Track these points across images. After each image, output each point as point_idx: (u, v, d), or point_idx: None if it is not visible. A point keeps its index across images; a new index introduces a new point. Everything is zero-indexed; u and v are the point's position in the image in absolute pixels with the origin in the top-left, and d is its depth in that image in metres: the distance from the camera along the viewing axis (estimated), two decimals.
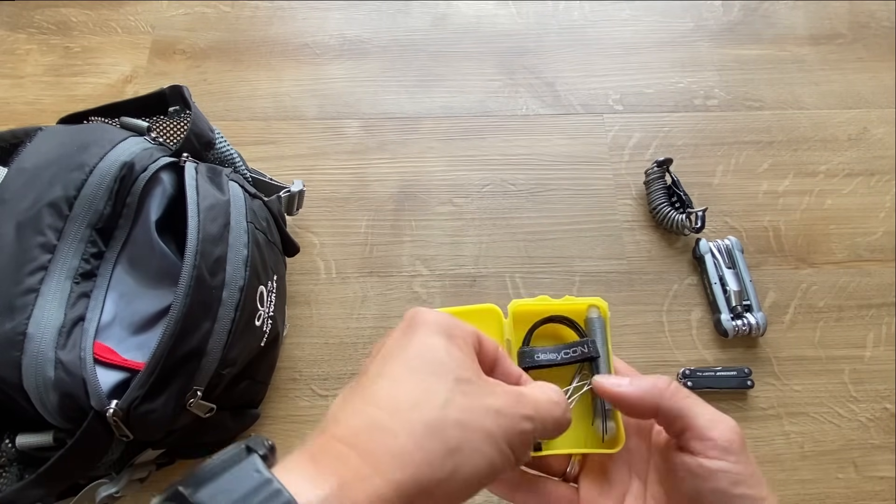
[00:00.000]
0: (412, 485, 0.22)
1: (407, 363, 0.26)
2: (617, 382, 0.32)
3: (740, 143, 0.67)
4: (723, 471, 0.29)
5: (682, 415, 0.31)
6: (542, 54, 0.73)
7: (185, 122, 0.54)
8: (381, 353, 0.27)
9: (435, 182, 0.66)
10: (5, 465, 0.42)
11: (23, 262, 0.41)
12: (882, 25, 0.74)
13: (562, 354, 0.35)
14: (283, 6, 0.75)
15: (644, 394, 0.31)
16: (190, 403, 0.43)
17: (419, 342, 0.26)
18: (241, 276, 0.45)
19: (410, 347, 0.26)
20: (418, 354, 0.26)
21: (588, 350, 0.35)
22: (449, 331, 0.27)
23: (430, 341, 0.26)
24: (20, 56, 0.72)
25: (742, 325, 0.57)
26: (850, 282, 0.61)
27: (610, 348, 0.35)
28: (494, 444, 0.24)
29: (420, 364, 0.26)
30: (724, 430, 0.29)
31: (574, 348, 0.35)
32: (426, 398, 0.24)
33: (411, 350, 0.26)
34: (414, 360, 0.26)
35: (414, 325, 0.27)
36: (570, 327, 0.36)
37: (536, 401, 0.27)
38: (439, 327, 0.27)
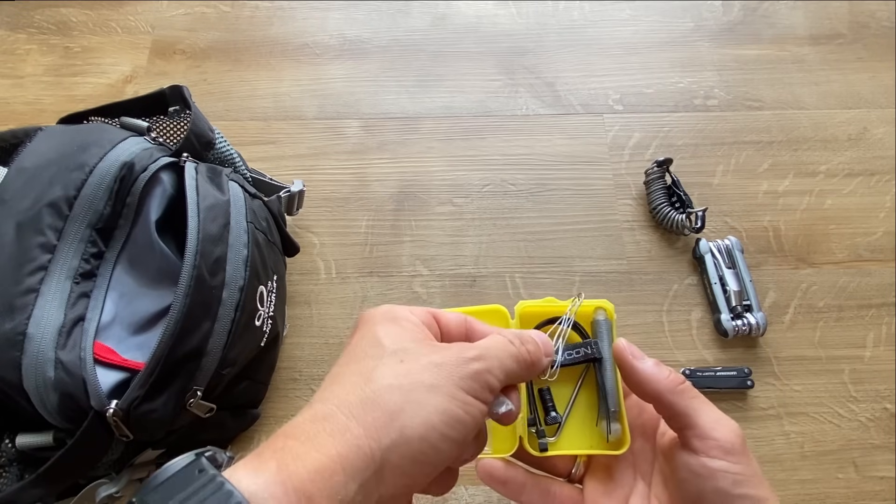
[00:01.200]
0: (358, 455, 0.23)
1: (350, 358, 0.27)
2: (639, 354, 0.33)
3: (740, 143, 0.67)
4: (724, 471, 0.29)
5: (686, 412, 0.31)
6: (542, 54, 0.73)
7: (185, 122, 0.54)
8: (337, 360, 0.28)
9: (435, 182, 0.66)
10: (5, 465, 0.42)
11: (23, 262, 0.41)
12: (882, 25, 0.74)
13: (565, 355, 0.35)
14: (283, 6, 0.75)
15: (655, 377, 0.32)
16: (190, 403, 0.43)
17: (361, 336, 0.28)
18: (241, 276, 0.45)
19: (354, 343, 0.28)
20: (359, 345, 0.27)
21: (592, 351, 0.35)
22: (391, 315, 0.28)
23: (371, 330, 0.28)
24: (20, 56, 0.72)
25: (742, 325, 0.57)
26: (850, 282, 0.61)
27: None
28: (442, 392, 0.25)
29: (359, 352, 0.27)
30: (726, 432, 0.30)
31: (578, 349, 0.35)
32: (360, 377, 0.25)
33: (354, 345, 0.28)
34: (355, 352, 0.27)
35: (360, 324, 0.29)
36: (573, 329, 0.36)
37: (484, 344, 0.28)
38: (382, 316, 0.28)
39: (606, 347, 0.35)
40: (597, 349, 0.35)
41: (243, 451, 0.54)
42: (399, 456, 0.24)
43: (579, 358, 0.35)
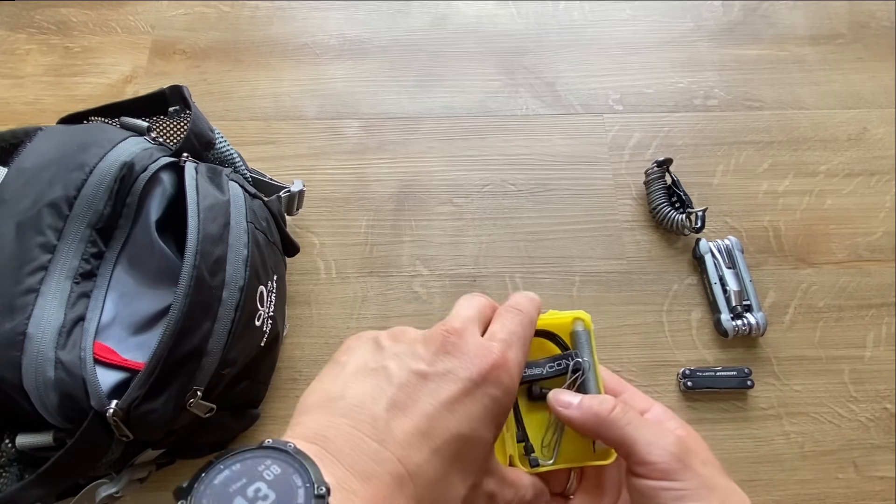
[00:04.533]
0: None
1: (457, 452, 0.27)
2: (566, 402, 0.33)
3: (740, 143, 0.67)
4: (666, 489, 0.30)
5: (621, 442, 0.31)
6: (542, 54, 0.73)
7: (185, 122, 0.54)
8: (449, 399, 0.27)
9: (435, 182, 0.66)
10: (5, 465, 0.42)
11: (23, 262, 0.41)
12: (882, 25, 0.74)
13: (547, 368, 0.35)
14: (283, 6, 0.75)
15: (585, 419, 0.32)
16: (190, 403, 0.43)
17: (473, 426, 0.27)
18: (241, 276, 0.45)
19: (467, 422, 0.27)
20: (467, 442, 0.27)
21: (572, 363, 0.35)
22: (504, 417, 0.29)
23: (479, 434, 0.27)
24: (20, 56, 0.72)
25: (742, 325, 0.57)
26: (850, 282, 0.61)
27: (596, 359, 0.36)
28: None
29: (464, 456, 0.27)
30: (661, 454, 0.30)
31: (559, 361, 0.35)
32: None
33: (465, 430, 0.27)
34: (462, 451, 0.27)
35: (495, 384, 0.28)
36: (552, 342, 0.36)
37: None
38: (499, 418, 0.28)
39: (587, 358, 0.35)
40: (577, 360, 0.35)
41: None
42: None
43: (560, 370, 0.35)
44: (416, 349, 0.28)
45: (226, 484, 0.21)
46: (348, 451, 0.23)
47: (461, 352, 0.27)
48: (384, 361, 0.27)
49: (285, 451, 0.22)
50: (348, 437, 0.24)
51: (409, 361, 0.27)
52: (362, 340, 0.30)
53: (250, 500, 0.20)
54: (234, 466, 0.21)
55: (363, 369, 0.28)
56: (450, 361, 0.27)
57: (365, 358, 0.28)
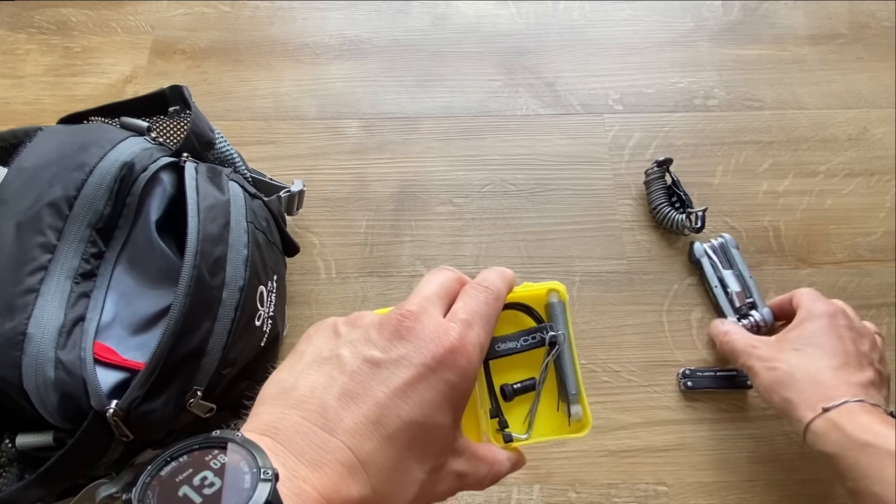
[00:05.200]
0: None
1: (405, 438, 0.27)
2: (723, 330, 0.44)
3: (740, 143, 0.67)
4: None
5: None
6: (542, 54, 0.73)
7: (185, 122, 0.54)
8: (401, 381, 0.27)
9: (435, 182, 0.66)
10: (5, 465, 0.42)
11: (23, 262, 0.41)
12: (882, 25, 0.74)
13: (521, 342, 0.34)
14: (283, 6, 0.75)
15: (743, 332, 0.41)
16: (190, 403, 0.43)
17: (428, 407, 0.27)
18: (241, 276, 0.45)
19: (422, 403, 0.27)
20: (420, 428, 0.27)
21: (546, 334, 0.34)
22: (466, 394, 0.29)
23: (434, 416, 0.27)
24: (20, 56, 0.72)
25: (749, 324, 0.57)
26: (850, 282, 0.61)
27: (571, 332, 0.35)
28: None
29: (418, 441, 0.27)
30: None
31: (533, 335, 0.34)
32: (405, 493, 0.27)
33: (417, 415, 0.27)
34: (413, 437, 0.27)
35: (448, 358, 0.27)
36: (526, 314, 0.35)
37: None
38: (461, 390, 0.28)
39: (562, 329, 0.34)
40: (552, 332, 0.34)
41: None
42: None
43: (535, 343, 0.34)
44: (370, 335, 0.27)
45: (172, 475, 0.21)
46: (298, 441, 0.24)
47: (415, 336, 0.27)
48: (338, 349, 0.27)
49: (232, 440, 0.22)
50: (298, 427, 0.24)
51: (362, 348, 0.27)
52: (321, 328, 0.30)
53: (196, 488, 0.20)
54: (181, 458, 0.22)
55: (317, 358, 0.28)
56: (403, 347, 0.26)
57: (321, 346, 0.28)
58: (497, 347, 0.34)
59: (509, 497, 0.53)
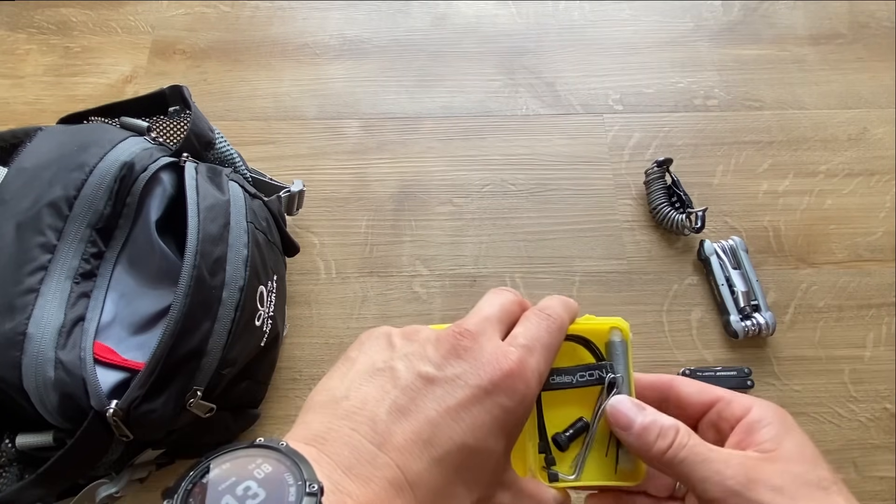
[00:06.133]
0: None
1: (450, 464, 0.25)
2: (626, 422, 0.30)
3: (740, 143, 0.67)
4: None
5: (680, 480, 0.29)
6: (542, 54, 0.73)
7: (185, 122, 0.54)
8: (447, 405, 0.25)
9: (435, 182, 0.66)
10: (5, 465, 0.42)
11: (23, 262, 0.41)
12: (882, 25, 0.74)
13: (577, 377, 0.32)
14: (283, 6, 0.75)
15: (640, 452, 0.30)
16: (190, 403, 0.43)
17: (478, 434, 0.25)
18: (241, 276, 0.45)
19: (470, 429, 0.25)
20: (468, 454, 0.25)
21: (605, 374, 0.32)
22: (521, 421, 0.27)
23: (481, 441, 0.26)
24: (20, 56, 0.72)
25: (752, 325, 0.57)
26: (850, 282, 0.61)
27: (632, 374, 0.33)
28: None
29: (465, 474, 0.25)
30: (716, 490, 0.27)
31: (591, 371, 0.32)
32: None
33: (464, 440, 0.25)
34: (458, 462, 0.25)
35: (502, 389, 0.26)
36: (586, 348, 0.34)
37: None
38: (521, 414, 0.27)
39: (622, 371, 0.33)
40: (611, 372, 0.32)
41: None
42: None
43: (592, 381, 0.32)
44: (427, 351, 0.26)
45: (215, 483, 0.20)
46: (346, 454, 0.23)
47: (473, 356, 0.26)
48: (392, 361, 0.26)
49: (277, 449, 0.21)
50: (347, 439, 0.23)
51: (417, 363, 0.26)
52: (374, 337, 0.29)
53: (239, 498, 0.20)
54: (223, 465, 0.21)
55: (371, 369, 0.27)
56: (459, 366, 0.25)
57: (374, 356, 0.27)
58: (551, 380, 0.32)
59: None
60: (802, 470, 0.28)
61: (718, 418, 0.32)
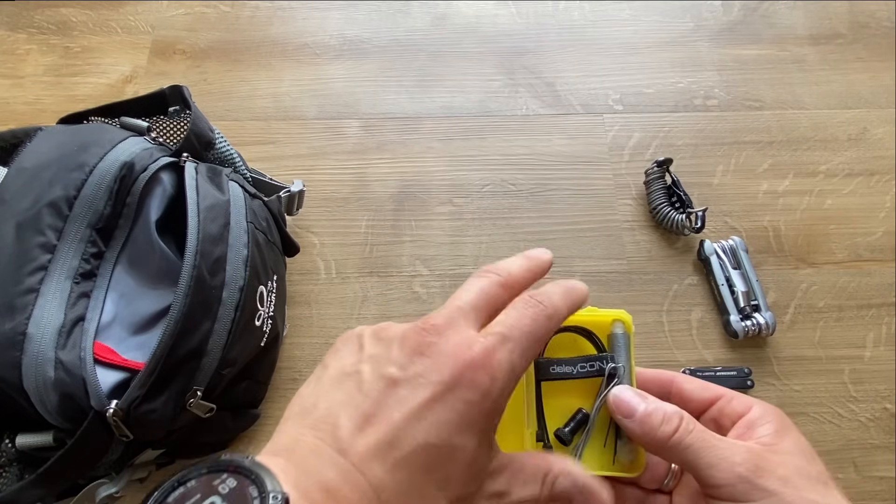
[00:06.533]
0: None
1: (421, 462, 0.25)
2: (628, 409, 0.30)
3: (740, 143, 0.67)
4: None
5: (684, 466, 0.29)
6: (542, 54, 0.73)
7: (185, 122, 0.54)
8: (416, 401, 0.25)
9: (435, 182, 0.66)
10: (5, 465, 0.42)
11: (23, 262, 0.41)
12: (882, 25, 0.74)
13: (578, 368, 0.32)
14: (283, 6, 0.75)
15: (645, 439, 0.30)
16: (190, 403, 0.43)
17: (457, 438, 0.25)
18: (241, 276, 0.45)
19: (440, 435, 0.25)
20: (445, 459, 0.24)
21: (606, 366, 0.32)
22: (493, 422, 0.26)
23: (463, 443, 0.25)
24: (20, 56, 0.72)
25: (752, 325, 0.57)
26: (850, 282, 0.61)
27: (633, 366, 0.33)
28: None
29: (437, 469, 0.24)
30: (725, 476, 0.27)
31: (592, 363, 0.32)
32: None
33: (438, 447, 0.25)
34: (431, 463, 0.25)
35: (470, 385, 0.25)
36: (588, 339, 0.34)
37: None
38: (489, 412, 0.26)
39: (623, 363, 0.32)
40: (612, 364, 0.32)
41: (242, 451, 0.54)
42: None
43: (592, 372, 0.32)
44: (391, 351, 0.25)
45: (180, 500, 0.20)
46: (312, 463, 0.23)
47: (436, 351, 0.25)
48: (359, 365, 0.26)
49: (241, 464, 0.21)
50: (313, 448, 0.23)
51: (381, 366, 0.25)
52: (346, 339, 0.28)
53: None
54: (188, 483, 0.21)
55: (340, 374, 0.26)
56: (422, 363, 0.24)
57: (344, 361, 0.27)
58: (552, 370, 0.32)
59: None
60: (803, 463, 0.28)
61: (720, 414, 0.32)
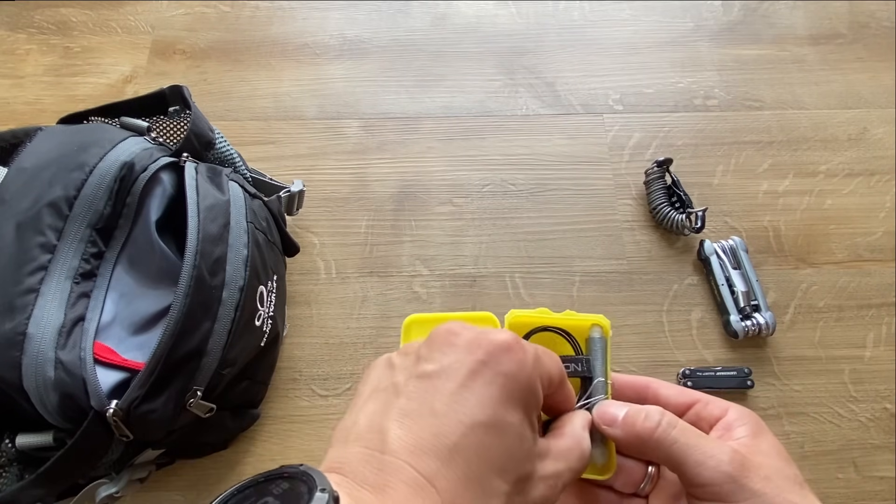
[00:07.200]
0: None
1: (474, 449, 0.24)
2: (611, 417, 0.31)
3: (740, 143, 0.67)
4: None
5: (669, 463, 0.29)
6: (542, 54, 0.73)
7: (185, 122, 0.54)
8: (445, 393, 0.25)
9: (435, 182, 0.66)
10: (5, 465, 0.42)
11: (23, 262, 0.41)
12: (882, 25, 0.74)
13: None
14: (283, 6, 0.75)
15: (629, 440, 0.30)
16: (190, 403, 0.43)
17: (495, 415, 0.24)
18: (241, 276, 0.45)
19: (483, 418, 0.24)
20: (491, 436, 0.24)
21: (582, 368, 0.33)
22: (533, 400, 0.26)
23: (508, 418, 0.25)
24: (20, 56, 0.72)
25: (752, 325, 0.57)
26: (850, 282, 0.61)
27: (609, 370, 0.34)
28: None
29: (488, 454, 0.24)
30: (711, 474, 0.28)
31: (568, 364, 0.32)
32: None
33: (484, 426, 0.24)
34: (484, 445, 0.24)
35: (498, 369, 0.25)
36: (567, 341, 0.34)
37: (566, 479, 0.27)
38: (526, 393, 0.25)
39: (599, 367, 0.33)
40: (587, 367, 0.33)
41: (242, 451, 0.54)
42: None
43: (569, 373, 0.32)
44: (420, 353, 0.26)
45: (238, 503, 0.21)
46: (360, 469, 0.23)
47: (464, 339, 0.26)
48: (393, 378, 0.26)
49: (296, 469, 0.22)
50: (360, 456, 0.23)
51: (414, 368, 0.26)
52: (375, 366, 0.29)
53: None
54: (246, 490, 0.22)
55: (374, 391, 0.27)
56: (453, 353, 0.25)
57: (377, 381, 0.27)
58: None
59: None
60: (781, 465, 0.29)
61: (697, 418, 0.32)
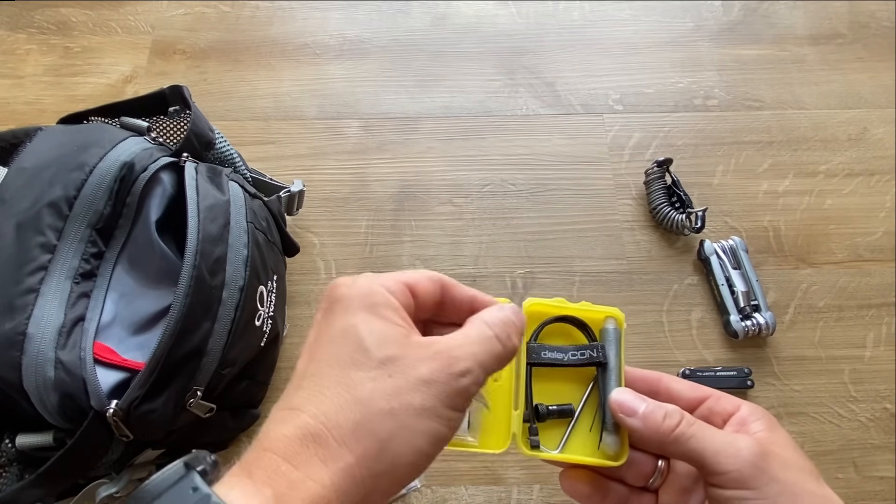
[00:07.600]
0: (351, 484, 0.23)
1: (329, 356, 0.25)
2: (630, 408, 0.31)
3: (740, 143, 0.67)
4: (741, 498, 0.28)
5: (689, 458, 0.30)
6: (542, 54, 0.73)
7: (185, 122, 0.54)
8: (308, 346, 0.27)
9: (435, 182, 0.66)
10: (5, 465, 0.42)
11: (23, 262, 0.41)
12: (882, 25, 0.74)
13: (569, 355, 0.34)
14: (283, 6, 0.75)
15: (649, 436, 0.30)
16: (190, 403, 0.43)
17: (339, 327, 0.26)
18: (241, 276, 0.45)
19: (331, 335, 0.26)
20: (339, 342, 0.25)
21: (597, 355, 0.34)
22: (369, 302, 0.26)
23: (349, 322, 0.26)
24: (20, 56, 0.72)
25: (752, 325, 0.57)
26: (850, 282, 0.61)
27: (623, 361, 0.34)
28: (431, 416, 0.24)
29: (341, 354, 0.25)
30: (733, 461, 0.28)
31: (583, 351, 0.34)
32: (348, 393, 0.24)
33: (332, 339, 0.26)
34: (335, 351, 0.25)
35: (332, 305, 0.27)
36: (582, 331, 0.35)
37: (472, 352, 0.26)
38: (360, 303, 0.26)
39: (612, 356, 0.34)
40: (602, 353, 0.34)
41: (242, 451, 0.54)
42: (388, 482, 0.24)
43: (582, 360, 0.34)
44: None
45: None
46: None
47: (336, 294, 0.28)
48: None
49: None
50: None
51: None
52: None
53: None
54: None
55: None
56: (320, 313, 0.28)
57: None
58: (543, 354, 0.33)
59: (509, 497, 0.53)
60: (796, 457, 0.30)
61: (710, 413, 0.33)
